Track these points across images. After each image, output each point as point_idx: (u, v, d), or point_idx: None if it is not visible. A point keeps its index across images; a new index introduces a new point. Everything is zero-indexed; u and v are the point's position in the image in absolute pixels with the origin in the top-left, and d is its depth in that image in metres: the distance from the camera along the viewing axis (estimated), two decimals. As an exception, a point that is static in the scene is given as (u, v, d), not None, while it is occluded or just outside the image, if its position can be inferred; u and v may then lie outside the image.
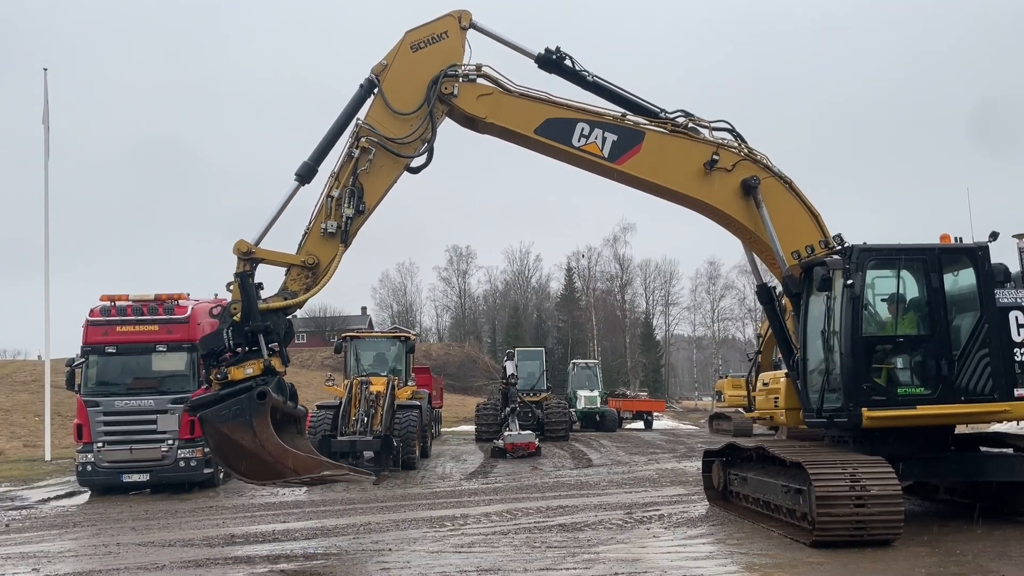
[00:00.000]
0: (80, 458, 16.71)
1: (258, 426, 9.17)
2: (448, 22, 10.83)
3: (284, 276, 9.97)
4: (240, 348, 9.51)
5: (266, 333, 9.51)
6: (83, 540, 11.26)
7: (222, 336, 9.52)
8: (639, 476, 18.07)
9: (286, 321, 9.85)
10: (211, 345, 9.66)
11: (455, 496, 15.22)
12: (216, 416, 9.38)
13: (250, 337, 9.47)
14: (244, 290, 9.56)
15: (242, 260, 9.67)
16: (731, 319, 78.29)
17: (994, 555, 8.62)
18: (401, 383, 22.16)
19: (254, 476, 9.58)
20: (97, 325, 17.05)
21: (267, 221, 10.04)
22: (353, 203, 9.99)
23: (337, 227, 9.94)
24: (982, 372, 9.87)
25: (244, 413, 9.19)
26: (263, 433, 9.17)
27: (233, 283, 9.63)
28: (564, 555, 9.34)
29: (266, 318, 9.55)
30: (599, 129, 10.99)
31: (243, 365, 9.52)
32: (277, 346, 9.69)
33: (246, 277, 9.63)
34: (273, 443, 9.20)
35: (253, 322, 9.44)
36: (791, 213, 11.14)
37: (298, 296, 9.84)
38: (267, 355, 9.51)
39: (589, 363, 42.17)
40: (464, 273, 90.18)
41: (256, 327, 9.45)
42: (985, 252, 10.15)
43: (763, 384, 12.83)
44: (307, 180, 10.26)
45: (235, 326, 9.46)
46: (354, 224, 10.05)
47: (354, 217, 10.01)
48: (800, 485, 9.71)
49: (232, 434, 9.25)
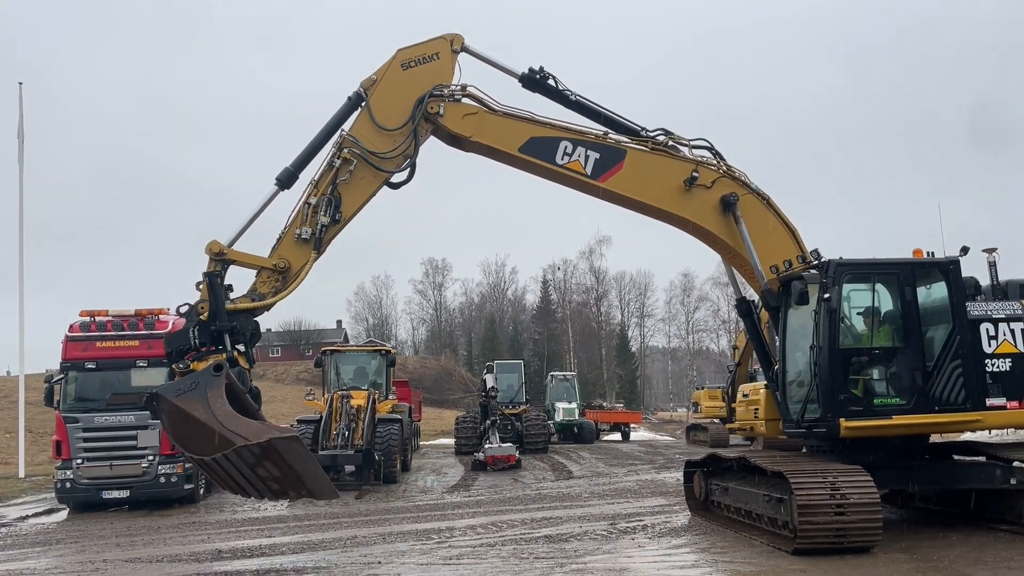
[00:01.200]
0: (59, 475, 16.55)
1: (211, 396, 8.80)
2: (440, 44, 11.01)
3: (255, 278, 9.96)
4: (205, 347, 9.43)
5: (232, 333, 9.44)
6: (68, 557, 11.20)
7: (188, 335, 9.44)
8: (620, 487, 18.26)
9: (253, 323, 9.78)
10: (176, 343, 9.53)
11: (439, 509, 15.30)
12: (170, 391, 9.08)
13: (216, 336, 9.39)
14: (212, 289, 9.52)
15: (213, 260, 9.65)
16: (705, 331, 79.09)
17: (970, 560, 8.91)
18: (382, 397, 22.18)
19: (207, 451, 8.86)
20: (77, 341, 16.93)
21: (242, 224, 10.02)
22: (330, 212, 10.08)
23: (311, 234, 10.01)
24: (955, 383, 10.19)
25: (200, 385, 8.90)
26: (216, 402, 8.78)
27: (202, 282, 9.60)
28: (552, 566, 9.49)
29: (233, 318, 9.49)
30: (582, 147, 11.21)
31: (206, 359, 9.37)
32: (243, 347, 9.65)
33: (215, 277, 9.58)
34: (224, 411, 8.77)
35: (220, 322, 9.38)
36: (769, 228, 11.42)
37: (266, 299, 9.84)
38: (231, 352, 9.42)
39: (567, 375, 42.40)
40: (440, 286, 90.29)
41: (222, 327, 9.38)
42: (957, 266, 10.49)
43: (743, 396, 13.08)
44: (287, 186, 10.31)
45: (201, 325, 9.37)
46: (328, 232, 10.12)
47: (329, 225, 10.08)
48: (781, 494, 9.95)
49: (185, 407, 8.85)
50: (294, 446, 8.53)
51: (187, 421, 8.80)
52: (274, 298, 9.90)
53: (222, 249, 9.68)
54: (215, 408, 8.74)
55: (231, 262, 9.79)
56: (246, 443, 8.41)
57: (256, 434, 8.47)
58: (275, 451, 8.39)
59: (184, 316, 9.61)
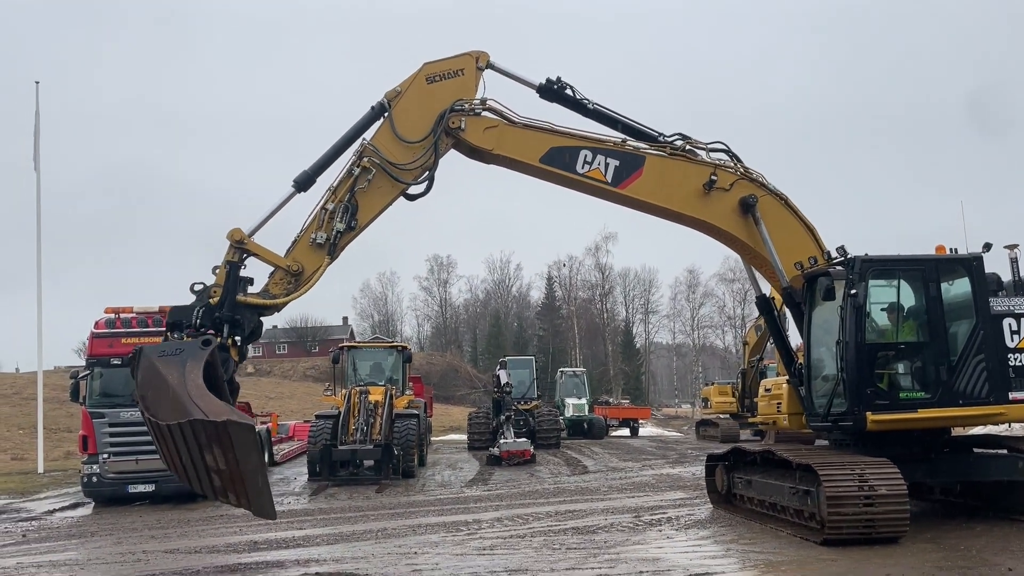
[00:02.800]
0: (85, 469, 16.81)
1: (189, 366, 8.85)
2: (466, 60, 11.17)
3: (268, 277, 10.13)
4: (203, 329, 9.53)
5: (232, 324, 9.62)
6: (107, 548, 11.43)
7: (192, 311, 9.58)
8: (637, 481, 18.47)
9: (257, 320, 9.96)
10: (178, 316, 9.66)
11: (461, 503, 15.52)
12: (154, 350, 9.15)
13: (216, 323, 9.55)
14: (229, 277, 9.70)
15: (233, 247, 9.85)
16: (711, 327, 79.29)
17: (996, 549, 9.12)
18: (398, 392, 22.45)
19: (163, 416, 8.75)
20: (102, 337, 17.19)
21: (259, 220, 10.20)
22: (346, 219, 10.24)
23: (326, 239, 10.18)
24: (979, 376, 10.40)
25: (183, 353, 9.00)
26: (191, 373, 8.82)
27: (220, 267, 9.78)
28: (585, 556, 9.71)
29: (238, 311, 9.67)
30: (601, 155, 11.38)
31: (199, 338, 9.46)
32: (239, 340, 9.80)
33: (235, 266, 9.78)
34: (195, 383, 8.74)
35: (225, 310, 9.57)
36: (788, 228, 11.60)
37: (277, 299, 10.01)
38: (225, 341, 9.55)
39: (576, 371, 42.64)
40: (445, 283, 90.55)
41: (226, 316, 9.56)
42: (980, 262, 10.69)
43: (765, 390, 13.28)
44: (304, 188, 10.48)
45: (208, 308, 9.54)
46: (343, 239, 10.30)
47: (344, 232, 10.25)
48: (808, 486, 10.15)
49: (162, 368, 8.88)
50: (247, 435, 8.40)
51: (159, 382, 8.80)
52: (285, 299, 10.08)
53: (243, 238, 9.87)
54: (188, 378, 8.73)
55: (250, 253, 9.96)
56: (203, 418, 8.29)
57: (215, 413, 8.35)
58: (227, 435, 8.25)
59: (195, 294, 9.77)
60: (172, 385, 8.65)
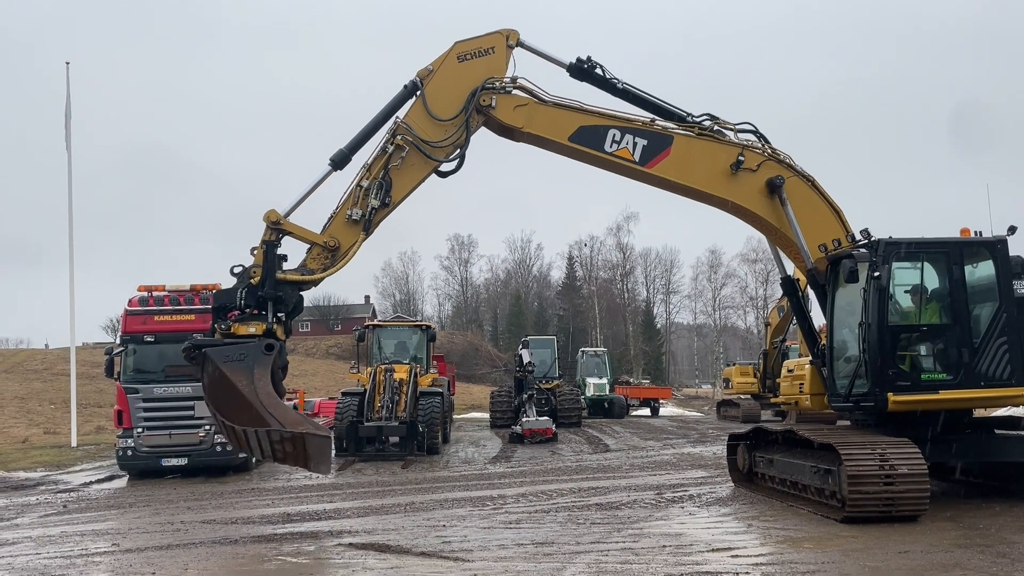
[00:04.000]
0: (120, 443, 17.25)
1: (258, 373, 9.38)
2: (496, 39, 11.34)
3: (306, 254, 10.45)
4: (248, 309, 9.93)
5: (276, 301, 9.97)
6: (146, 519, 11.83)
7: (235, 294, 9.95)
8: (658, 460, 18.71)
9: (298, 296, 10.31)
10: (223, 300, 10.06)
11: (485, 479, 15.83)
12: (219, 354, 9.59)
13: (261, 302, 9.90)
14: (267, 257, 10.05)
15: (270, 228, 10.16)
16: (732, 307, 78.91)
17: (1016, 528, 9.27)
18: (423, 371, 22.77)
19: (237, 419, 9.44)
20: (136, 315, 17.58)
21: (296, 198, 10.52)
22: (380, 195, 10.53)
23: (361, 215, 10.48)
24: (1001, 359, 10.50)
25: (248, 358, 9.45)
26: (261, 380, 9.35)
27: (258, 248, 10.11)
28: (610, 530, 9.96)
29: (280, 288, 10.02)
30: (630, 135, 11.53)
31: (248, 323, 9.93)
32: (283, 316, 10.15)
33: (272, 246, 10.11)
34: (266, 391, 9.34)
35: (267, 289, 9.91)
36: (814, 210, 11.70)
37: (315, 274, 10.34)
38: (271, 321, 9.93)
39: (598, 351, 42.88)
40: (466, 262, 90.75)
41: (268, 294, 9.91)
42: (1004, 245, 10.75)
43: (788, 371, 13.43)
44: (340, 166, 10.76)
45: (250, 288, 9.91)
46: (378, 215, 10.59)
47: (379, 208, 10.56)
48: (829, 465, 10.32)
49: (230, 374, 9.41)
50: (324, 444, 9.19)
51: (228, 388, 9.35)
52: (323, 274, 10.44)
53: (279, 219, 10.20)
54: (259, 386, 9.31)
55: (286, 232, 10.30)
56: (280, 428, 9.05)
57: (292, 423, 9.16)
58: (303, 445, 9.06)
59: (236, 277, 10.11)
60: (243, 391, 9.25)
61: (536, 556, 8.58)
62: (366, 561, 8.58)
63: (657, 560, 8.24)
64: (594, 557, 8.46)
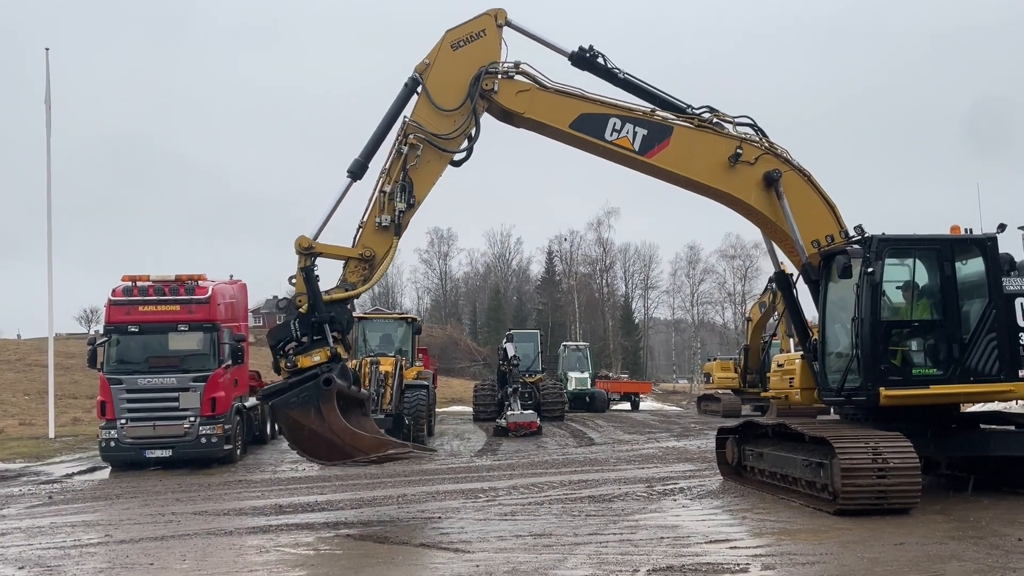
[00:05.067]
0: (103, 434, 17.06)
1: (325, 410, 9.72)
2: (485, 20, 11.31)
3: (342, 269, 10.52)
4: (306, 338, 10.02)
5: (331, 322, 10.08)
6: (136, 510, 11.71)
7: (289, 327, 10.08)
8: (644, 454, 18.81)
9: (347, 311, 10.45)
10: (279, 336, 10.19)
11: (474, 471, 15.83)
12: (285, 404, 9.97)
13: (316, 327, 9.99)
14: (309, 283, 10.14)
15: (302, 255, 10.19)
16: (710, 303, 79.47)
17: (1005, 521, 9.43)
18: (408, 364, 22.72)
19: (326, 457, 10.18)
20: (119, 305, 17.36)
21: (323, 217, 10.55)
22: (404, 197, 10.52)
23: (391, 220, 10.50)
24: (990, 355, 10.66)
25: (312, 400, 9.75)
26: (330, 416, 9.71)
27: (297, 276, 10.18)
28: (605, 522, 10.01)
29: (330, 309, 10.11)
30: (630, 124, 11.56)
31: (311, 353, 10.05)
32: (340, 334, 10.25)
33: (311, 271, 10.18)
34: (340, 426, 9.75)
35: (319, 313, 9.99)
36: (810, 205, 11.79)
37: (357, 287, 10.41)
38: (332, 343, 10.05)
39: (579, 345, 43.01)
40: (445, 255, 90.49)
41: (322, 318, 10.00)
42: (994, 242, 10.91)
43: (778, 365, 13.54)
44: (359, 176, 10.76)
45: (302, 318, 10.02)
46: (405, 216, 10.60)
47: (406, 210, 10.55)
48: (821, 459, 10.43)
49: (301, 419, 9.83)
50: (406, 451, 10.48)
51: (305, 430, 9.89)
52: (365, 285, 10.56)
53: (311, 244, 10.25)
54: (331, 422, 9.79)
55: (319, 255, 10.32)
56: (364, 456, 10.06)
57: (373, 448, 10.02)
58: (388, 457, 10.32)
59: (283, 311, 10.19)
60: (320, 433, 9.82)
61: (536, 547, 8.61)
62: (365, 552, 8.56)
63: (657, 551, 8.29)
64: (594, 548, 8.50)
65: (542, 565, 7.81)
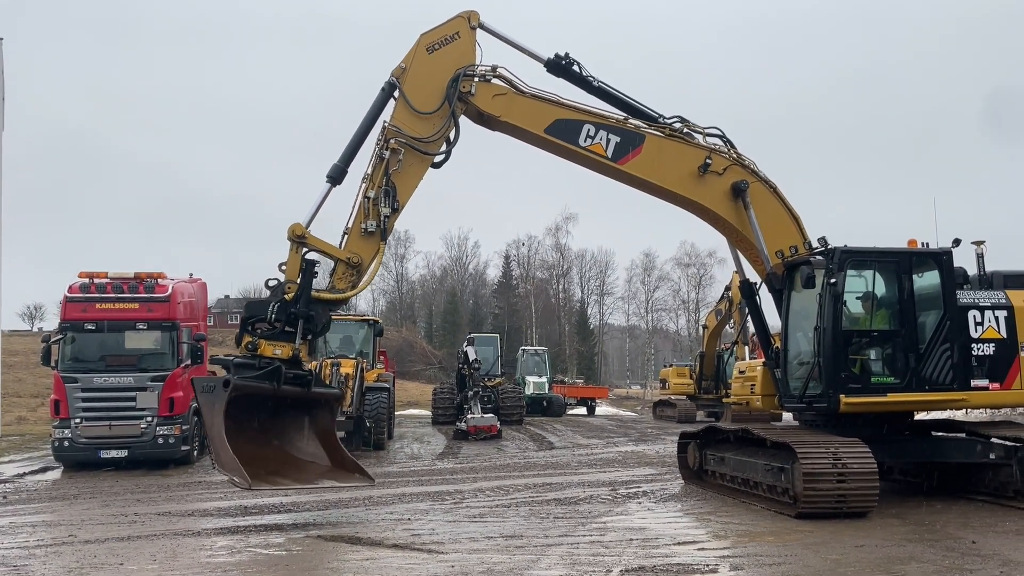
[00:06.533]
0: (57, 433, 16.66)
1: (216, 409, 9.48)
2: (459, 23, 11.42)
3: (331, 274, 10.53)
4: (279, 324, 9.92)
5: (308, 320, 9.99)
6: (95, 510, 11.48)
7: (267, 307, 9.92)
8: (605, 458, 19.02)
9: (327, 315, 10.36)
10: (254, 311, 10.05)
11: (436, 474, 15.85)
12: (199, 384, 9.89)
13: (292, 319, 9.89)
14: (305, 275, 10.11)
15: (295, 242, 10.12)
16: (664, 310, 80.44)
17: (958, 525, 9.80)
18: (369, 366, 22.61)
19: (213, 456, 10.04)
20: (76, 302, 17.01)
21: (305, 221, 10.50)
22: (388, 202, 10.56)
23: (376, 225, 10.52)
24: (944, 364, 11.07)
25: (214, 392, 9.57)
26: (215, 419, 9.48)
27: (290, 262, 10.12)
28: (574, 524, 10.14)
29: (313, 308, 10.02)
30: (604, 131, 11.76)
31: (274, 343, 9.96)
32: (311, 336, 10.17)
33: (312, 265, 10.21)
34: (217, 432, 9.49)
35: (301, 306, 9.89)
36: (775, 216, 12.12)
37: (345, 292, 10.39)
38: (299, 342, 9.97)
39: (538, 350, 43.24)
40: (402, 257, 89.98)
41: (302, 312, 9.92)
42: (949, 256, 11.33)
43: (739, 372, 13.84)
44: (338, 181, 10.76)
45: (283, 304, 9.89)
46: (390, 221, 10.66)
47: (390, 215, 10.58)
48: (783, 463, 10.71)
49: (204, 405, 9.74)
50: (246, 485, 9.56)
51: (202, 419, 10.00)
52: (352, 291, 10.58)
53: (304, 233, 10.18)
54: (213, 424, 9.63)
55: (310, 248, 10.26)
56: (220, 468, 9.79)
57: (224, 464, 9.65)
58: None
59: (270, 290, 10.05)
60: (207, 426, 9.78)
61: (508, 548, 8.69)
62: (339, 553, 8.55)
63: (627, 553, 8.44)
64: (565, 550, 8.61)
65: (516, 566, 7.90)
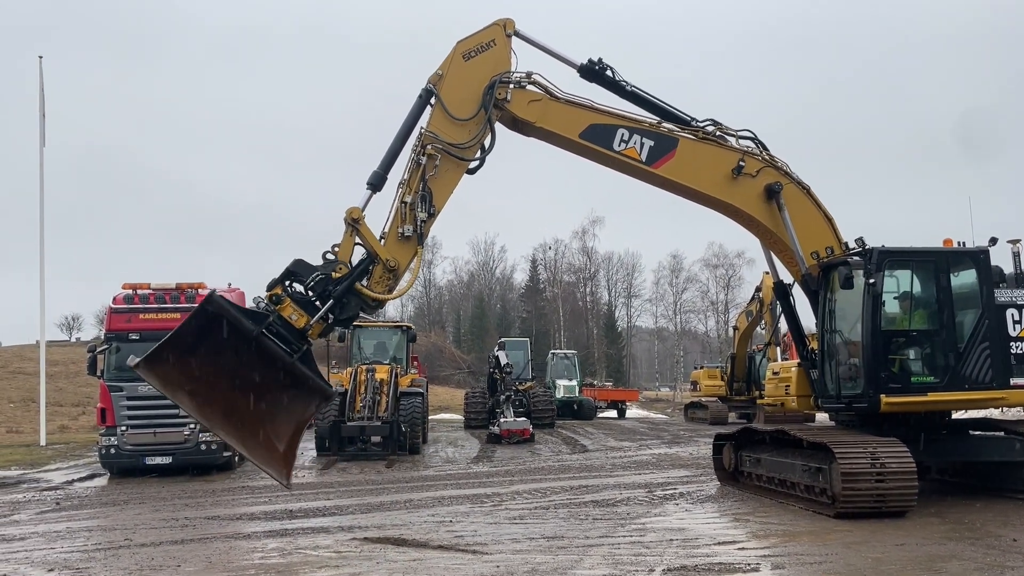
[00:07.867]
0: (103, 441, 17.11)
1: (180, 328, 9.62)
2: (494, 31, 11.59)
3: (367, 279, 10.53)
4: (312, 293, 10.00)
5: (338, 304, 10.06)
6: (146, 515, 11.82)
7: (311, 273, 10.01)
8: (638, 460, 19.11)
9: (357, 311, 10.51)
10: (299, 269, 10.04)
11: (473, 478, 16.04)
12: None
13: (325, 296, 9.97)
14: (358, 264, 10.24)
15: (350, 225, 10.32)
16: (693, 311, 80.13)
17: (999, 523, 9.81)
18: (403, 371, 22.90)
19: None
20: (120, 312, 17.44)
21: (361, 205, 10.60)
22: (425, 207, 10.74)
23: (413, 230, 10.69)
24: (983, 363, 11.07)
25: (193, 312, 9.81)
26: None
27: (344, 245, 10.26)
28: (614, 526, 10.28)
29: (350, 297, 10.16)
30: (638, 135, 11.89)
31: (298, 309, 9.86)
32: (333, 320, 10.20)
33: (367, 261, 10.33)
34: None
35: (339, 288, 10.00)
36: (809, 217, 12.17)
37: (383, 295, 10.57)
38: (318, 319, 9.94)
39: (568, 353, 43.33)
40: (429, 263, 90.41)
41: (340, 293, 10.00)
42: (986, 255, 11.33)
43: (773, 373, 13.90)
44: (379, 188, 10.89)
45: (326, 279, 10.00)
46: (427, 225, 10.80)
47: (427, 219, 10.78)
48: (820, 464, 10.77)
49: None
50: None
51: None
52: (389, 296, 10.71)
53: (359, 217, 10.39)
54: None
55: (360, 234, 10.42)
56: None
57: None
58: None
59: (323, 259, 10.17)
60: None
61: (551, 549, 8.86)
62: (386, 554, 8.76)
63: (668, 552, 8.57)
64: (607, 550, 8.76)
65: (560, 565, 8.06)
